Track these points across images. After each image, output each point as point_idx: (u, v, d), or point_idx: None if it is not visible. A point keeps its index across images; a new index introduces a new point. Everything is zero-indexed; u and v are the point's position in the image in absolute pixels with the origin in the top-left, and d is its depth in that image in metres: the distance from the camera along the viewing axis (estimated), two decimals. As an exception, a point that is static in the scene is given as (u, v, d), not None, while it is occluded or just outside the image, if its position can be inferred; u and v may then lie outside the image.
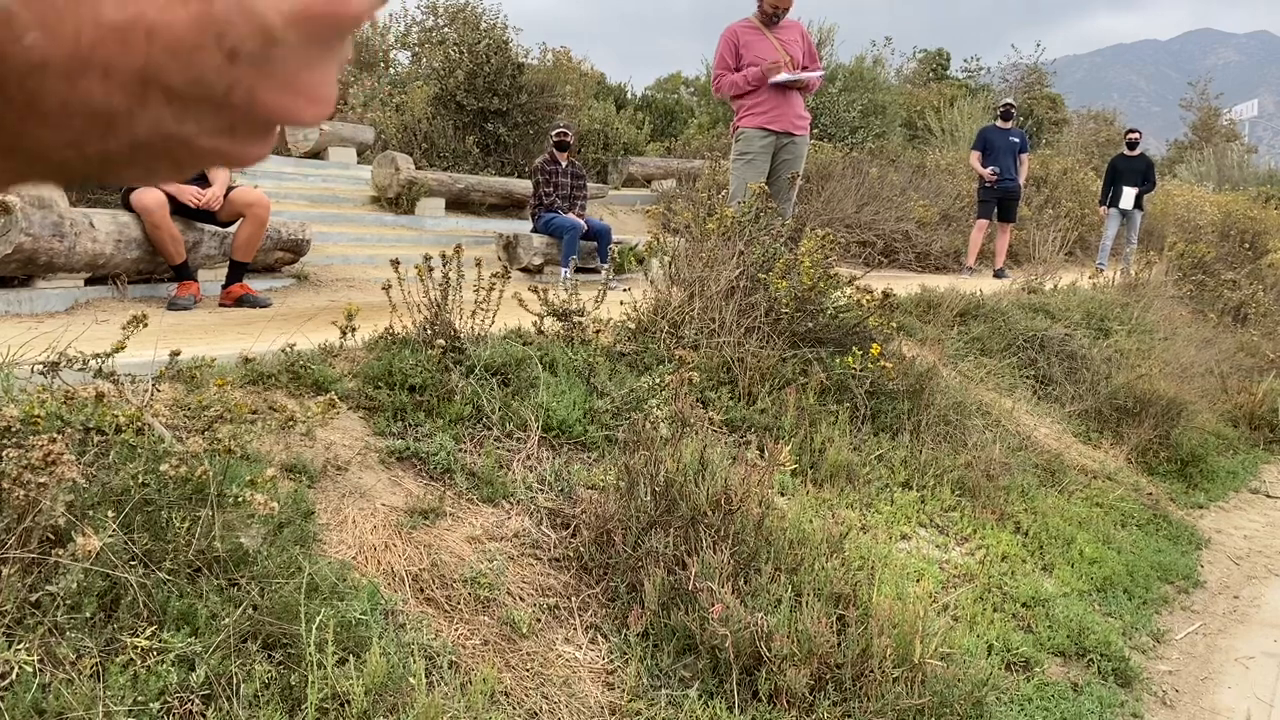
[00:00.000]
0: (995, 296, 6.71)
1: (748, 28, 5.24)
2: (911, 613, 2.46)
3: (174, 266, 4.63)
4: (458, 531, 2.46)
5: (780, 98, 5.13)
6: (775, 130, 5.16)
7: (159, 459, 1.87)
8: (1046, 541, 3.82)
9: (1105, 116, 22.22)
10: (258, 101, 0.31)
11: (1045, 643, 3.10)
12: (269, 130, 0.33)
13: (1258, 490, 5.84)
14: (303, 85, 0.32)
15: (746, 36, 5.21)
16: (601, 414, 3.15)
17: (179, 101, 0.30)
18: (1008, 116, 9.44)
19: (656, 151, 12.37)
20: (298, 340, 2.79)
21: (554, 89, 10.49)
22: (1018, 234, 10.25)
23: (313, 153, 8.97)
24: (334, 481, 2.41)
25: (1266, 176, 21.30)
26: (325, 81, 0.33)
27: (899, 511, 3.50)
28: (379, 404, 2.77)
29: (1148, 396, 5.65)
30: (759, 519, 2.61)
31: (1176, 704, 3.09)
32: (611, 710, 2.15)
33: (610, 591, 2.48)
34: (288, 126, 0.34)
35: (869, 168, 10.57)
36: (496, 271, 3.24)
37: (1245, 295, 9.61)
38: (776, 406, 3.67)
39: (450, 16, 12.17)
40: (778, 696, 2.26)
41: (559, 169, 7.40)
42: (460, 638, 2.15)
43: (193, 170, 0.33)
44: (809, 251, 4.06)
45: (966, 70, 24.18)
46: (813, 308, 4.12)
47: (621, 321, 3.90)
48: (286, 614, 1.82)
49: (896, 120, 16.13)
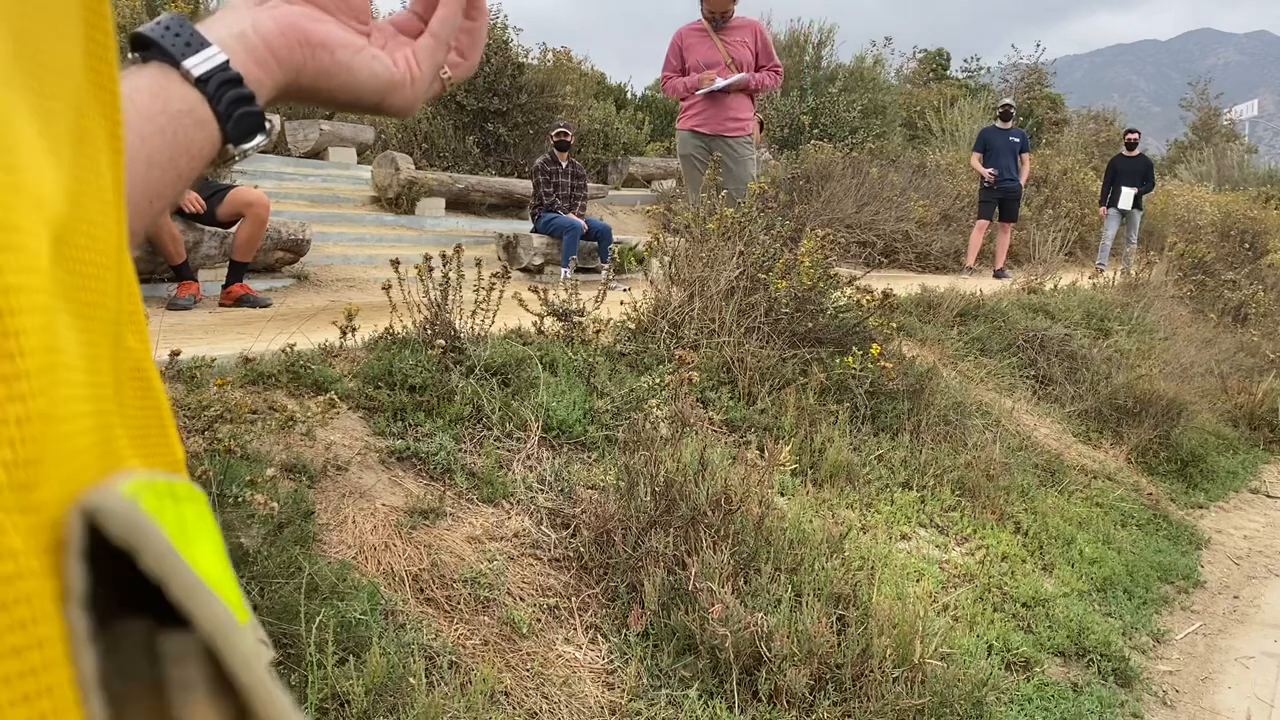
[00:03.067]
0: (995, 296, 6.71)
1: (694, 30, 5.29)
2: (911, 613, 2.47)
3: (174, 266, 4.63)
4: (458, 531, 2.46)
5: (712, 101, 5.20)
6: (705, 133, 5.24)
7: (159, 459, 1.86)
8: (1046, 541, 3.82)
9: (1105, 116, 22.21)
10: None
11: (1045, 643, 3.10)
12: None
13: (1258, 490, 5.84)
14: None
15: (691, 40, 5.27)
16: (601, 414, 3.15)
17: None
18: (1007, 117, 9.44)
19: (656, 151, 12.36)
20: (298, 340, 2.79)
21: (554, 89, 10.49)
22: (1018, 234, 10.24)
23: (313, 153, 8.97)
24: (334, 481, 2.41)
25: (1266, 176, 21.29)
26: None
27: (899, 511, 3.50)
28: (379, 404, 2.77)
29: (1148, 396, 5.65)
30: (759, 519, 2.61)
31: (1176, 704, 3.09)
32: (611, 710, 2.15)
33: (610, 591, 2.48)
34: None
35: (869, 168, 10.56)
36: (496, 271, 3.24)
37: (1245, 295, 9.61)
38: (776, 406, 3.67)
39: (450, 16, 12.18)
40: (778, 696, 2.26)
41: (559, 169, 7.40)
42: (460, 638, 2.15)
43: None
44: (809, 251, 4.06)
45: (966, 70, 24.19)
46: (813, 308, 4.12)
47: (621, 321, 3.90)
48: (286, 614, 1.82)
49: (896, 120, 16.12)
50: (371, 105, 0.58)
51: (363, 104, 0.58)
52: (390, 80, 0.58)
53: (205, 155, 0.49)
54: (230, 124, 0.49)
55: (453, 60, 0.63)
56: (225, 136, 0.49)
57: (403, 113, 0.60)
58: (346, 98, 0.57)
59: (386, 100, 0.58)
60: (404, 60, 0.59)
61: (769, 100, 14.26)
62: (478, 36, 0.64)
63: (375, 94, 0.57)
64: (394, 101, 0.59)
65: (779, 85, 5.51)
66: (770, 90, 5.81)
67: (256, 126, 0.51)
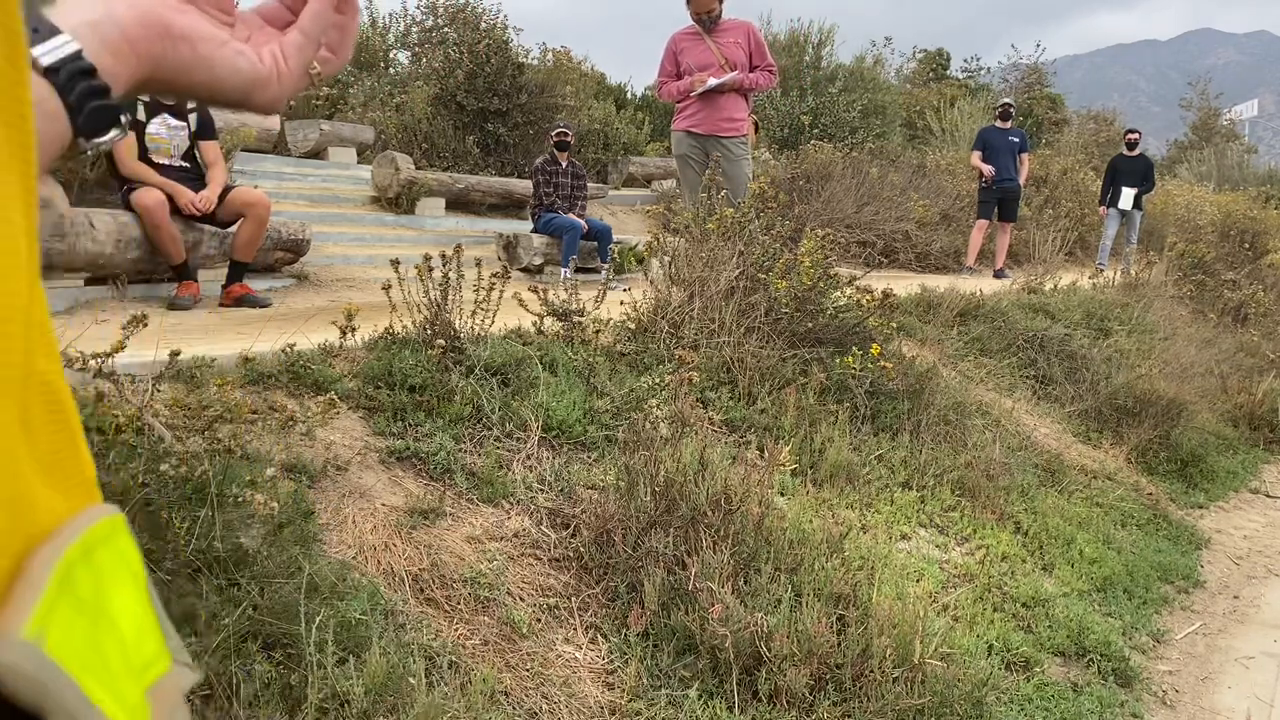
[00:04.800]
0: (995, 296, 6.71)
1: (687, 34, 5.32)
2: (911, 613, 2.46)
3: (174, 266, 4.63)
4: (458, 531, 2.46)
5: (706, 102, 5.22)
6: (700, 134, 5.26)
7: (159, 459, 1.87)
8: (1046, 541, 3.82)
9: (1105, 117, 22.21)
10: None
11: (1045, 643, 3.10)
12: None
13: (1258, 490, 5.84)
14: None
15: (684, 43, 5.30)
16: (601, 414, 3.15)
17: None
18: (1007, 117, 9.44)
19: (656, 151, 12.36)
20: (298, 340, 2.79)
21: (554, 89, 10.48)
22: (1018, 234, 10.25)
23: (313, 153, 8.96)
24: (334, 481, 2.41)
25: (1266, 176, 21.29)
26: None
27: (899, 511, 3.50)
28: (379, 404, 2.77)
29: (1148, 396, 5.65)
30: (759, 519, 2.61)
31: (1176, 704, 3.09)
32: (611, 710, 2.15)
33: (610, 591, 2.48)
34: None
35: (869, 168, 10.56)
36: (496, 271, 3.24)
37: (1245, 295, 9.61)
38: (776, 406, 3.67)
39: (450, 16, 12.16)
40: (778, 696, 2.26)
41: (559, 169, 7.40)
42: (460, 638, 2.15)
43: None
44: (809, 251, 4.06)
45: (966, 70, 24.19)
46: (813, 308, 4.12)
47: (621, 321, 3.90)
48: (286, 614, 1.82)
49: (896, 120, 16.13)
50: (234, 102, 0.56)
51: (224, 100, 0.55)
52: (255, 77, 0.55)
53: (55, 150, 0.46)
54: (82, 118, 0.46)
55: (322, 56, 0.60)
56: (77, 130, 0.47)
57: (267, 110, 0.58)
58: (207, 93, 0.54)
59: (251, 97, 0.56)
60: (270, 56, 0.56)
61: (769, 100, 14.26)
62: (348, 32, 0.62)
63: (238, 90, 0.55)
64: (258, 99, 0.56)
65: (773, 85, 5.52)
66: (765, 90, 5.83)
67: (111, 121, 0.48)
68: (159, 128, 4.69)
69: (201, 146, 4.85)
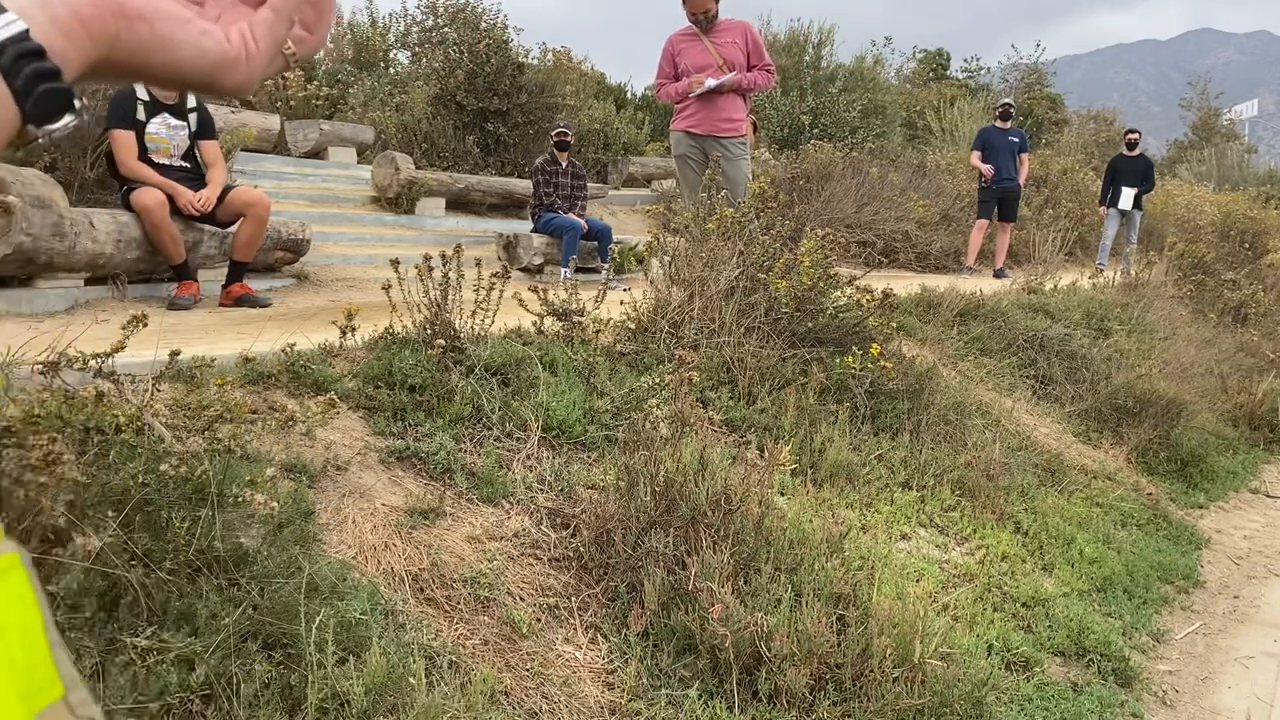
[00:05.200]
0: (995, 296, 6.71)
1: (685, 35, 5.32)
2: (911, 613, 2.46)
3: (174, 266, 4.63)
4: (458, 531, 2.46)
5: (704, 103, 5.23)
6: (699, 134, 5.27)
7: (159, 459, 1.87)
8: (1046, 541, 3.82)
9: (1105, 116, 22.22)
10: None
11: (1045, 643, 3.10)
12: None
13: (1258, 490, 5.84)
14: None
15: (682, 45, 5.30)
16: (601, 414, 3.15)
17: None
18: (1006, 116, 9.44)
19: (656, 151, 12.36)
20: (298, 340, 2.79)
21: (554, 89, 10.49)
22: (1018, 234, 10.25)
23: (313, 153, 8.97)
24: (334, 481, 2.41)
25: (1266, 176, 21.29)
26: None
27: (899, 511, 3.50)
28: (379, 404, 2.77)
29: (1148, 396, 5.65)
30: (759, 519, 2.61)
31: (1176, 704, 3.09)
32: (611, 710, 2.15)
33: (610, 591, 2.48)
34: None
35: (869, 168, 10.56)
36: (496, 271, 3.24)
37: (1245, 295, 9.61)
38: (776, 406, 3.67)
39: (450, 16, 12.16)
40: (778, 696, 2.26)
41: (559, 169, 7.40)
42: (460, 638, 2.15)
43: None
44: (809, 251, 4.06)
45: (966, 70, 24.19)
46: (813, 308, 4.12)
47: (621, 321, 3.90)
48: (286, 614, 1.82)
49: (896, 120, 16.13)
50: (199, 85, 0.52)
51: (187, 83, 0.52)
52: (221, 58, 0.52)
53: (1, 138, 0.44)
54: (30, 102, 0.43)
55: (297, 35, 0.57)
56: (25, 116, 0.44)
57: (236, 93, 0.54)
58: (168, 75, 0.51)
59: (217, 79, 0.52)
60: (238, 35, 0.53)
61: (769, 100, 14.26)
62: (325, 9, 0.58)
63: (202, 73, 0.52)
64: (225, 81, 0.53)
65: (772, 85, 5.52)
66: (763, 90, 5.83)
67: (64, 106, 0.45)
68: (159, 127, 4.69)
69: (201, 146, 4.85)
